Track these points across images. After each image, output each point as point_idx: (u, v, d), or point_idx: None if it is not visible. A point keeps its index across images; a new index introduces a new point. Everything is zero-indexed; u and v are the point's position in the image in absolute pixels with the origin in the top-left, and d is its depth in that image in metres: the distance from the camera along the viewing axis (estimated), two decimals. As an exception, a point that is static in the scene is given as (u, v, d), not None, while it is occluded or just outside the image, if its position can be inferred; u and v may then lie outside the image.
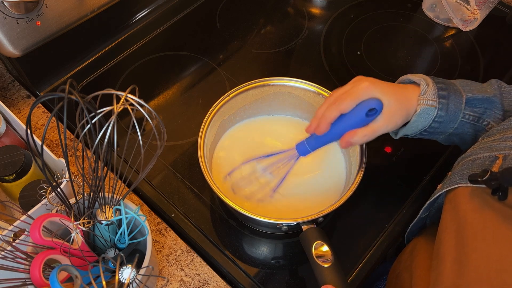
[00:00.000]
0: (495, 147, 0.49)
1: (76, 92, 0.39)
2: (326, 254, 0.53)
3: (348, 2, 1.02)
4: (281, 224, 0.58)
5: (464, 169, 0.52)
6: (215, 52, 0.91)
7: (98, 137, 0.42)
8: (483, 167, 0.48)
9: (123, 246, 0.57)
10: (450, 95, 0.57)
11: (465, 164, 0.53)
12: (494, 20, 0.98)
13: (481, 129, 0.59)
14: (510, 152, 0.46)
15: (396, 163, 0.76)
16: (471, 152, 0.53)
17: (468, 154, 0.54)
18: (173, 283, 0.64)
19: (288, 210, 0.66)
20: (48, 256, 0.48)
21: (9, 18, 0.67)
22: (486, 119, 0.58)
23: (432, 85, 0.57)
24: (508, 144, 0.47)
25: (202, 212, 0.70)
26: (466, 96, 0.57)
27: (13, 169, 0.61)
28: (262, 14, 0.99)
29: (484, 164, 0.49)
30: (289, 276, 0.65)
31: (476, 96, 0.57)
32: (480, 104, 0.57)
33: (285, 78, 0.70)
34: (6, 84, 0.85)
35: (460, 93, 0.57)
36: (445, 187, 0.54)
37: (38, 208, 0.56)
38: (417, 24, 0.98)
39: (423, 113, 0.57)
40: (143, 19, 0.94)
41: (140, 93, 0.42)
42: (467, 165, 0.52)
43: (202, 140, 0.63)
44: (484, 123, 0.58)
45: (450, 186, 0.52)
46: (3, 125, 0.67)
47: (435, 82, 0.57)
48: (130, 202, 0.55)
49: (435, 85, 0.57)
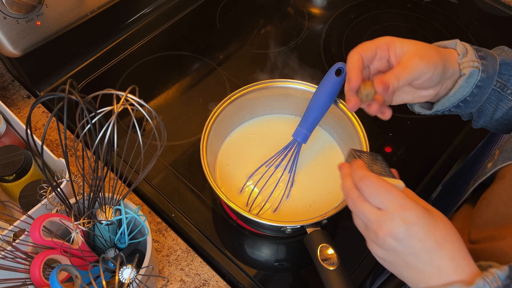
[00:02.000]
0: None
1: (76, 92, 0.39)
2: (332, 257, 0.52)
3: (348, 2, 1.02)
4: (285, 227, 0.58)
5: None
6: (215, 52, 0.91)
7: (98, 137, 0.42)
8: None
9: (123, 246, 0.57)
10: (487, 56, 0.53)
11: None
12: (494, 20, 0.98)
13: (505, 98, 0.55)
14: None
15: (396, 163, 0.76)
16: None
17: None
18: (173, 283, 0.64)
19: (291, 212, 0.66)
20: (48, 256, 0.48)
21: (9, 18, 0.67)
22: (511, 87, 0.54)
23: (470, 48, 0.52)
24: None
25: (202, 212, 0.70)
26: (499, 58, 0.53)
27: (13, 169, 0.61)
28: (262, 14, 0.99)
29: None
30: (290, 277, 0.65)
31: (506, 60, 0.54)
32: (507, 70, 0.54)
33: (287, 80, 0.70)
34: (6, 84, 0.85)
35: (492, 55, 0.54)
36: (498, 164, 0.51)
37: (38, 208, 0.56)
38: (417, 24, 0.98)
39: (469, 77, 0.51)
40: (143, 19, 0.94)
41: (140, 93, 0.42)
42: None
43: (204, 145, 0.63)
44: (509, 92, 0.55)
45: (506, 162, 0.50)
46: (3, 125, 0.67)
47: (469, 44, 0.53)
48: (130, 202, 0.55)
49: (471, 46, 0.53)
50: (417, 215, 0.40)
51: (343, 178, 0.46)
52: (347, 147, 0.71)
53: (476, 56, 0.52)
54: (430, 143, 0.81)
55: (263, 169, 0.68)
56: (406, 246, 0.40)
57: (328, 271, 0.51)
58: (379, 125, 0.81)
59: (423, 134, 0.80)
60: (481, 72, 0.51)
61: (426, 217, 0.40)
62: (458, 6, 1.02)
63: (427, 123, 0.81)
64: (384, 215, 0.40)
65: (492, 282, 0.39)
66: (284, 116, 0.76)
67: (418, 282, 0.41)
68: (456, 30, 0.96)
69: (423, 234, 0.40)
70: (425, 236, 0.40)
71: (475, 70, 0.51)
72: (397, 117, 0.67)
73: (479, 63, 0.52)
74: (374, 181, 0.42)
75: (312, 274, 0.65)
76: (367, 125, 0.64)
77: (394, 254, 0.41)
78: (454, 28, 0.97)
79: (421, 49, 0.50)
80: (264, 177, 0.67)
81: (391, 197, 0.41)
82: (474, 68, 0.51)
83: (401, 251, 0.41)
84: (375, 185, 0.42)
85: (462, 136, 0.80)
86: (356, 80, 0.50)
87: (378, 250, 0.43)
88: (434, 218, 0.41)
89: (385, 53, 0.52)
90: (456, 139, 0.80)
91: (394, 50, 0.51)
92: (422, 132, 0.81)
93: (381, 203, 0.41)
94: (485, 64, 0.52)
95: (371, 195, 0.42)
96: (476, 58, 0.52)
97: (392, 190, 0.41)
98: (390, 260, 0.43)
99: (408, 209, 0.40)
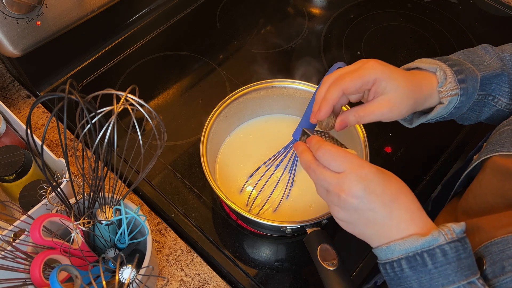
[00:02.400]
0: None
1: (76, 92, 0.39)
2: (332, 257, 0.52)
3: (348, 2, 1.02)
4: (285, 227, 0.58)
5: (503, 138, 0.51)
6: (215, 52, 0.91)
7: (98, 137, 0.42)
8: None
9: (123, 246, 0.57)
10: (467, 78, 0.54)
11: (503, 133, 0.52)
12: (494, 20, 0.98)
13: (488, 103, 0.57)
14: None
15: (396, 163, 0.76)
16: (508, 122, 0.53)
17: (505, 124, 0.53)
18: (173, 283, 0.64)
19: (291, 212, 0.66)
20: (48, 256, 0.48)
21: (9, 18, 0.67)
22: (492, 93, 0.56)
23: (450, 72, 0.53)
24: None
25: (202, 212, 0.70)
26: (480, 74, 0.55)
27: (13, 169, 0.61)
28: (262, 14, 0.99)
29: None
30: (290, 277, 0.65)
31: (487, 74, 0.55)
32: (489, 81, 0.56)
33: (287, 80, 0.70)
34: (6, 84, 0.85)
35: (474, 72, 0.55)
36: (483, 155, 0.53)
37: (38, 208, 0.56)
38: (417, 24, 0.98)
39: (447, 105, 0.54)
40: (143, 19, 0.94)
41: (140, 93, 0.42)
42: (506, 133, 0.52)
43: (204, 145, 0.63)
44: (490, 98, 0.57)
45: (489, 154, 0.52)
46: (3, 125, 0.67)
47: (449, 65, 0.54)
48: (130, 202, 0.55)
49: (451, 69, 0.54)
50: (372, 172, 0.43)
51: (301, 154, 0.49)
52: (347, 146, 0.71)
53: (455, 81, 0.53)
54: (430, 143, 0.80)
55: (263, 169, 0.68)
56: (366, 202, 0.43)
57: (328, 271, 0.51)
58: (379, 125, 0.80)
59: (423, 134, 0.80)
60: (460, 96, 0.53)
61: (380, 174, 0.44)
62: (458, 6, 1.02)
63: (427, 123, 0.81)
64: (343, 177, 0.44)
65: (446, 233, 0.41)
66: (284, 116, 0.76)
67: (379, 237, 0.44)
68: (456, 30, 0.96)
69: (380, 189, 0.43)
70: (382, 191, 0.43)
71: (454, 97, 0.53)
72: (397, 117, 0.68)
73: (458, 88, 0.53)
74: (329, 149, 0.46)
75: (312, 274, 0.65)
76: (367, 125, 0.64)
77: (356, 213, 0.44)
78: (454, 28, 0.97)
79: (399, 97, 0.51)
80: (264, 177, 0.67)
81: (347, 159, 0.44)
82: (453, 96, 0.53)
83: (361, 208, 0.43)
84: (331, 151, 0.45)
85: (462, 136, 0.80)
86: (324, 116, 0.53)
87: (340, 212, 0.45)
88: (387, 174, 0.45)
89: (368, 88, 0.52)
90: (456, 139, 0.80)
91: (377, 87, 0.51)
92: (422, 132, 0.80)
93: (339, 167, 0.44)
94: (464, 88, 0.53)
95: (329, 161, 0.45)
96: (456, 84, 0.53)
97: (347, 153, 0.45)
98: (353, 220, 0.45)
99: (364, 168, 0.43)
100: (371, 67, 0.50)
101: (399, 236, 0.43)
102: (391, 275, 0.44)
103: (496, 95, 0.57)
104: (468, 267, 0.41)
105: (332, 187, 0.44)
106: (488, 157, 0.52)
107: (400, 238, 0.43)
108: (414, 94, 0.52)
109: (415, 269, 0.42)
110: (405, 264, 0.42)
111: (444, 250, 0.41)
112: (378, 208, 0.43)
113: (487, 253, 0.45)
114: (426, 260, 0.41)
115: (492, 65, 0.56)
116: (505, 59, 0.57)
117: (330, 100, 0.51)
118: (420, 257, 0.42)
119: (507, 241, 0.44)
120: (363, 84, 0.51)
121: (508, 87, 0.56)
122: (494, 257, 0.44)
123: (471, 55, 0.58)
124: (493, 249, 0.45)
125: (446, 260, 0.41)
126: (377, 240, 0.45)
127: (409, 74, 0.53)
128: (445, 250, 0.41)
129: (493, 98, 0.57)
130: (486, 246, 0.45)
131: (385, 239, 0.44)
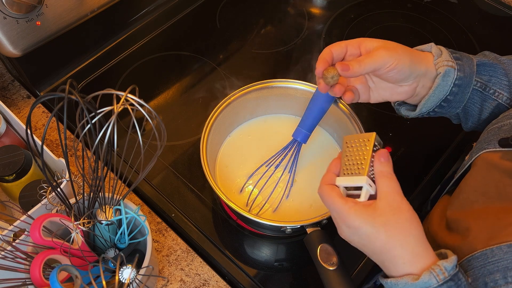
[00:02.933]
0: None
1: (76, 92, 0.39)
2: (332, 257, 0.52)
3: (348, 2, 1.02)
4: (285, 227, 0.58)
5: (490, 136, 0.53)
6: (215, 52, 0.91)
7: (98, 137, 0.42)
8: (510, 132, 0.50)
9: (123, 246, 0.57)
10: (463, 57, 0.55)
11: (491, 131, 0.53)
12: (494, 20, 0.98)
13: (488, 98, 0.57)
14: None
15: (396, 163, 0.76)
16: (496, 121, 0.54)
17: (493, 123, 0.54)
18: (173, 283, 0.64)
19: (291, 212, 0.66)
20: (48, 256, 0.48)
21: (9, 18, 0.67)
22: (493, 87, 0.57)
23: (445, 50, 0.56)
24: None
25: (202, 212, 0.70)
26: (476, 60, 0.56)
27: (13, 169, 0.61)
28: (262, 14, 0.99)
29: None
30: (290, 277, 0.65)
31: (483, 61, 0.56)
32: (486, 71, 0.56)
33: (287, 80, 0.70)
34: (6, 84, 0.85)
35: (469, 57, 0.56)
36: (473, 155, 0.54)
37: (38, 208, 0.56)
38: (417, 24, 0.98)
39: (445, 75, 0.54)
40: (143, 19, 0.94)
41: (140, 93, 0.42)
42: (493, 132, 0.53)
43: (204, 145, 0.63)
44: (491, 91, 0.57)
45: (478, 152, 0.53)
46: (3, 125, 0.67)
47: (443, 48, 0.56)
48: (130, 202, 0.55)
49: (446, 49, 0.56)
50: (356, 227, 0.44)
51: None
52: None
53: (450, 57, 0.55)
54: (430, 143, 0.80)
55: (263, 169, 0.68)
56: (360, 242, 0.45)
57: (328, 271, 0.51)
58: (379, 125, 0.81)
59: (423, 134, 0.80)
60: (457, 71, 0.54)
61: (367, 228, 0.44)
62: (458, 6, 1.02)
63: (427, 123, 0.81)
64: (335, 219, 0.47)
65: (438, 275, 0.41)
66: (284, 116, 0.76)
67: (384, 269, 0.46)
68: (456, 30, 0.96)
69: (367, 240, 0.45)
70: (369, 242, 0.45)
71: (451, 69, 0.54)
72: (397, 117, 0.67)
73: (454, 62, 0.54)
74: (322, 193, 0.48)
75: (312, 274, 0.65)
76: (367, 125, 0.64)
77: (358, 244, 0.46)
78: (454, 28, 0.97)
79: (389, 43, 0.53)
80: (264, 177, 0.67)
81: (333, 209, 0.46)
82: (449, 67, 0.54)
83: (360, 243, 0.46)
84: (324, 197, 0.48)
85: (462, 136, 0.80)
86: (320, 67, 0.54)
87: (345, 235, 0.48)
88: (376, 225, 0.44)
89: (356, 51, 0.54)
90: (456, 139, 0.80)
91: (365, 46, 0.54)
92: (422, 132, 0.81)
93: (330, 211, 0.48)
94: (460, 64, 0.55)
95: (324, 203, 0.48)
96: (451, 59, 0.55)
97: (334, 204, 0.46)
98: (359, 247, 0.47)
99: (347, 221, 0.45)
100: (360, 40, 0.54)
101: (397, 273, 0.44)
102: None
103: (496, 89, 0.57)
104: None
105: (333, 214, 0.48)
106: (477, 156, 0.53)
107: (395, 277, 0.43)
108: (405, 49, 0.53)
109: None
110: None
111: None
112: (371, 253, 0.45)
113: (469, 268, 0.45)
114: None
115: (488, 57, 0.58)
116: (500, 58, 0.59)
117: (322, 56, 0.54)
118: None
119: (486, 255, 0.44)
120: (347, 44, 0.54)
121: (507, 80, 0.57)
122: (476, 272, 0.44)
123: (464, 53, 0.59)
124: (474, 263, 0.45)
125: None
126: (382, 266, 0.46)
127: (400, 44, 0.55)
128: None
129: (494, 91, 0.57)
130: (468, 259, 0.46)
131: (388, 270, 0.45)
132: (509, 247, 0.43)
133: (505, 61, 0.58)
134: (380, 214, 0.44)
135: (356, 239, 0.46)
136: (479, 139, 0.56)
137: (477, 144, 0.56)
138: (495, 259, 0.43)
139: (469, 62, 0.56)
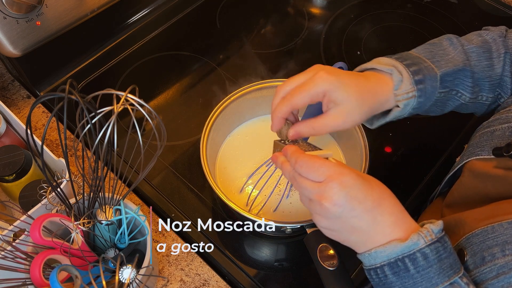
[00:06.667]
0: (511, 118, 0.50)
1: (76, 92, 0.39)
2: (332, 257, 0.52)
3: (348, 2, 1.02)
4: (285, 227, 0.58)
5: (483, 140, 0.52)
6: (215, 52, 0.91)
7: (98, 137, 0.42)
8: (503, 138, 0.49)
9: (123, 246, 0.57)
10: (425, 78, 0.53)
11: (483, 135, 0.53)
12: (494, 20, 0.98)
13: (451, 98, 0.57)
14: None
15: (396, 163, 0.76)
16: (488, 123, 0.54)
17: (485, 126, 0.54)
18: (173, 283, 0.64)
19: (291, 212, 0.66)
20: (48, 256, 0.48)
21: (9, 18, 0.67)
22: (455, 88, 0.56)
23: (406, 73, 0.53)
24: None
25: (202, 212, 0.70)
26: (440, 72, 0.54)
27: (13, 169, 0.61)
28: (262, 14, 0.99)
29: (505, 135, 0.49)
30: (290, 277, 0.65)
31: (448, 71, 0.55)
32: (451, 77, 0.55)
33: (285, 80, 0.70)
34: (6, 84, 0.85)
35: (433, 70, 0.54)
36: (464, 158, 0.54)
37: (38, 208, 0.56)
38: (417, 24, 0.98)
39: (404, 107, 0.53)
40: (143, 19, 0.94)
41: (140, 93, 0.42)
42: (486, 136, 0.52)
43: (204, 145, 0.63)
44: (453, 92, 0.57)
45: (471, 157, 0.52)
46: (3, 125, 0.67)
47: (405, 66, 0.53)
48: (130, 202, 0.55)
49: (408, 70, 0.53)
50: (352, 178, 0.43)
51: (282, 166, 0.49)
52: (347, 147, 0.71)
53: (412, 83, 0.53)
54: (430, 143, 0.80)
55: (263, 169, 0.68)
56: (349, 209, 0.42)
57: (328, 271, 0.51)
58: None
59: (423, 134, 0.80)
60: (417, 97, 0.53)
61: (361, 180, 0.43)
62: (458, 6, 1.02)
63: (427, 123, 0.81)
64: (323, 185, 0.43)
65: (426, 236, 0.42)
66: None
67: (364, 243, 0.44)
68: (456, 30, 0.96)
69: (362, 195, 0.43)
70: (364, 197, 0.43)
71: (411, 100, 0.53)
72: (397, 117, 0.68)
73: (415, 90, 0.53)
74: (306, 160, 0.45)
75: (312, 274, 0.65)
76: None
77: (339, 221, 0.44)
78: (454, 28, 0.97)
79: (352, 107, 0.50)
80: (264, 177, 0.67)
81: (325, 168, 0.44)
82: (409, 99, 0.53)
83: (345, 216, 0.43)
84: (309, 163, 0.45)
85: (462, 136, 0.80)
86: (275, 128, 0.55)
87: (323, 221, 0.45)
88: (368, 179, 0.44)
89: (319, 99, 0.52)
90: (456, 139, 0.80)
91: (329, 97, 0.51)
92: (422, 132, 0.81)
93: (318, 177, 0.44)
94: (422, 89, 0.53)
95: (308, 173, 0.45)
96: (412, 86, 0.53)
97: (325, 162, 0.44)
98: (336, 227, 0.45)
99: (344, 174, 0.43)
100: (319, 79, 0.50)
101: (384, 240, 0.43)
102: (376, 281, 0.45)
103: (459, 90, 0.56)
104: (450, 266, 0.42)
105: (313, 196, 0.44)
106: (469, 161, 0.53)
107: (381, 245, 0.43)
108: (368, 102, 0.52)
109: (398, 274, 0.42)
110: (388, 270, 0.43)
111: (424, 254, 0.41)
112: (361, 215, 0.43)
113: (468, 245, 0.45)
114: (408, 265, 0.42)
115: (455, 60, 0.56)
116: (469, 52, 0.57)
117: (280, 114, 0.52)
118: (402, 263, 0.42)
119: (486, 232, 0.44)
120: (312, 98, 0.51)
121: (471, 81, 0.56)
122: (474, 248, 0.44)
123: (434, 49, 0.57)
124: (473, 240, 0.45)
125: (428, 263, 0.41)
126: (362, 246, 0.45)
127: (363, 80, 0.52)
128: (425, 253, 0.41)
129: (456, 92, 0.57)
130: (467, 238, 0.46)
131: (370, 245, 0.44)
132: (509, 223, 0.43)
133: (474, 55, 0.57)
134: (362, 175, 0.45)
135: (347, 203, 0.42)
136: (471, 142, 0.56)
137: (468, 147, 0.55)
138: (495, 235, 0.43)
139: (432, 79, 0.54)
